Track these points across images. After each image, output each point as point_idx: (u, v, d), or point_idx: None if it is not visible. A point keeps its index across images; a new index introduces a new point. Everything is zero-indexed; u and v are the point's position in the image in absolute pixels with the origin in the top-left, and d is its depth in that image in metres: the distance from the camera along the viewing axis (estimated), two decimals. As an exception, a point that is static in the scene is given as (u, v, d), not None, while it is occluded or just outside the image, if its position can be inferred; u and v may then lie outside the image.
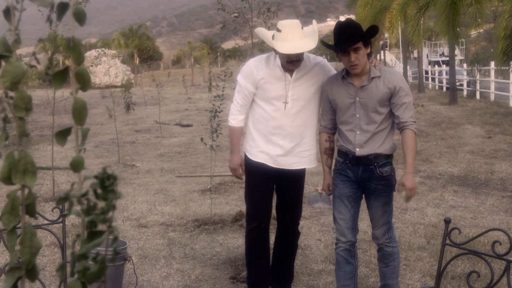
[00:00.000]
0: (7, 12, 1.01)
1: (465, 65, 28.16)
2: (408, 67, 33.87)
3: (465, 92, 24.18)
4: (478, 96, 22.39)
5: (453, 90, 21.11)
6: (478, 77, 23.01)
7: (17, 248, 1.04)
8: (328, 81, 3.74)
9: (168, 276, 4.75)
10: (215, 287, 4.51)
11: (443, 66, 31.09)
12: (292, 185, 4.03)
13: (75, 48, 1.03)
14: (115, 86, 29.16)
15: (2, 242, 2.96)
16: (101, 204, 0.99)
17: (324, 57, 4.13)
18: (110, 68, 36.36)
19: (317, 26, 3.80)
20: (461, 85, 24.68)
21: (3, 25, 1.06)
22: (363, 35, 3.41)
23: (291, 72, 3.77)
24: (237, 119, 3.96)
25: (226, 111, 4.70)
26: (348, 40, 3.37)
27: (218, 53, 75.38)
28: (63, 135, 1.04)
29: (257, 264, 4.10)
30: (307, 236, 5.64)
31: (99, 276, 0.89)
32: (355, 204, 3.70)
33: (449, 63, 22.88)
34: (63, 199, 0.94)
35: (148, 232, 6.01)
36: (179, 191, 8.11)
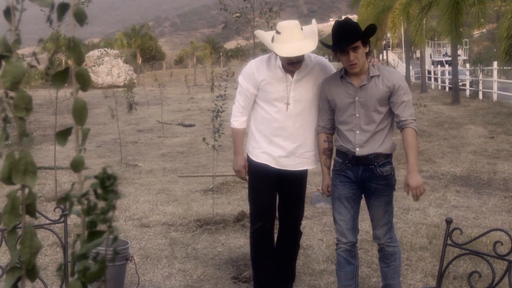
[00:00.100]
0: (8, 12, 1.01)
1: (467, 65, 28.08)
2: (411, 67, 33.83)
3: (467, 92, 24.13)
4: (480, 96, 22.35)
5: (455, 90, 21.07)
6: (481, 77, 22.96)
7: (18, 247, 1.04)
8: (326, 81, 3.72)
9: (170, 276, 4.76)
10: (217, 287, 4.51)
11: (446, 66, 31.04)
12: (294, 185, 4.02)
13: (75, 48, 1.03)
14: (117, 86, 29.18)
15: (4, 241, 2.97)
16: (101, 204, 0.99)
17: (326, 57, 4.12)
18: (113, 68, 36.39)
19: (317, 26, 3.78)
20: (464, 85, 24.64)
21: (5, 25, 1.06)
22: (362, 34, 3.41)
23: (292, 73, 3.75)
24: (239, 120, 3.95)
25: (228, 111, 4.71)
26: (346, 39, 3.35)
27: (221, 53, 75.39)
28: (63, 135, 1.05)
29: (263, 265, 4.09)
30: (309, 236, 5.64)
31: (99, 276, 0.89)
32: (355, 204, 3.69)
33: (450, 62, 22.85)
34: (63, 199, 0.94)
35: (150, 232, 6.02)
36: (181, 191, 8.12)
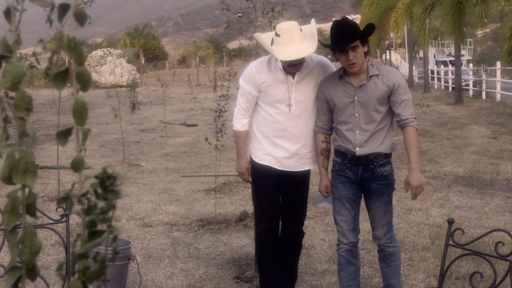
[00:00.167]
0: (8, 13, 1.02)
1: (471, 65, 28.02)
2: (414, 67, 33.78)
3: (471, 92, 24.07)
4: (484, 96, 22.29)
5: (458, 90, 21.02)
6: (484, 77, 22.91)
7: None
8: (324, 81, 3.70)
9: (172, 275, 4.76)
10: (219, 286, 4.51)
11: (450, 66, 30.97)
12: (297, 186, 4.01)
13: (75, 48, 1.03)
14: (120, 86, 29.20)
15: (6, 241, 2.97)
16: (102, 204, 0.99)
17: (329, 57, 4.10)
18: (116, 68, 36.41)
19: (316, 26, 3.73)
20: (467, 85, 24.58)
21: (6, 26, 1.06)
22: (361, 33, 3.40)
23: (293, 74, 3.72)
24: (241, 122, 3.94)
25: (231, 110, 4.70)
26: (345, 39, 3.34)
27: (224, 53, 75.39)
28: (63, 135, 1.05)
29: (269, 266, 4.08)
30: (311, 236, 5.64)
31: (99, 275, 0.90)
32: (355, 205, 3.68)
33: (454, 62, 22.80)
34: (63, 199, 0.94)
35: (152, 231, 6.02)
36: (183, 190, 8.12)
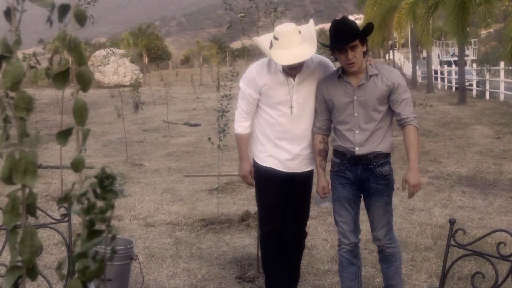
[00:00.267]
0: (8, 13, 1.02)
1: (474, 65, 27.94)
2: (417, 66, 33.72)
3: (474, 92, 24.02)
4: (487, 96, 22.24)
5: (462, 90, 20.97)
6: (487, 77, 22.85)
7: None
8: (323, 81, 3.69)
9: (174, 275, 4.77)
10: (221, 286, 4.52)
11: (453, 66, 30.91)
12: (300, 186, 3.99)
13: (76, 49, 1.04)
14: (124, 86, 29.24)
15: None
16: (101, 203, 1.00)
17: (331, 57, 4.06)
18: (119, 68, 36.47)
19: (314, 27, 3.69)
20: (471, 85, 24.52)
21: (6, 26, 1.07)
22: (360, 33, 3.39)
23: (293, 76, 3.70)
24: (243, 125, 3.93)
25: (234, 110, 4.70)
26: (344, 38, 3.33)
27: (227, 53, 75.41)
28: (64, 135, 1.05)
29: (274, 268, 4.07)
30: (314, 236, 5.64)
31: (98, 275, 0.90)
32: (355, 206, 3.67)
33: (457, 62, 22.75)
34: (63, 199, 0.95)
35: (155, 231, 6.03)
36: (186, 190, 8.13)
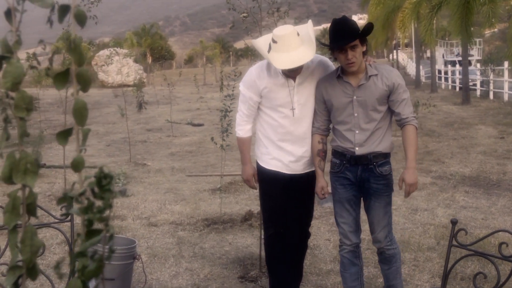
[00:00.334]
0: (8, 14, 1.02)
1: (478, 64, 27.86)
2: (421, 66, 33.66)
3: (478, 92, 23.96)
4: (491, 96, 22.18)
5: (466, 90, 20.92)
6: (491, 77, 22.79)
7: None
8: (322, 81, 3.66)
9: (177, 274, 4.77)
10: (223, 286, 4.52)
11: (457, 66, 30.83)
12: (304, 188, 3.95)
13: (76, 49, 1.04)
14: (127, 85, 29.26)
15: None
16: (100, 203, 1.00)
17: (331, 57, 4.01)
18: (123, 67, 36.49)
19: (312, 28, 3.64)
20: (475, 85, 24.46)
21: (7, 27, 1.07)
22: (361, 32, 3.38)
23: (294, 77, 3.67)
24: (244, 129, 3.90)
25: (237, 110, 4.69)
26: (344, 38, 3.31)
27: (230, 53, 75.38)
28: (64, 135, 1.05)
29: (279, 270, 4.05)
30: (316, 236, 5.63)
31: (97, 274, 0.90)
32: (356, 207, 3.66)
33: (462, 62, 22.69)
34: (62, 199, 0.95)
35: (158, 231, 6.04)
36: (189, 190, 8.14)
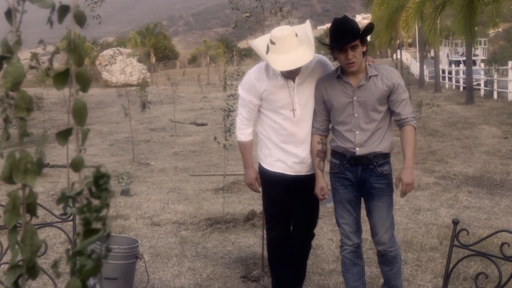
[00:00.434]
0: (9, 14, 1.03)
1: (482, 64, 27.78)
2: (425, 66, 33.60)
3: (482, 92, 23.91)
4: (495, 96, 22.13)
5: (469, 89, 20.88)
6: (495, 76, 22.72)
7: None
8: (321, 81, 3.63)
9: (179, 274, 4.78)
10: (226, 285, 4.52)
11: (461, 66, 30.78)
12: (309, 188, 3.88)
13: (75, 50, 1.04)
14: (131, 85, 29.30)
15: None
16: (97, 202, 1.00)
17: (330, 57, 3.98)
18: (126, 67, 36.58)
19: (311, 28, 3.60)
20: (478, 84, 24.40)
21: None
22: (362, 32, 3.36)
23: (293, 78, 3.64)
24: (245, 133, 3.87)
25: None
26: (345, 37, 3.30)
27: (234, 52, 75.40)
28: (63, 135, 1.06)
29: (281, 271, 4.04)
30: (319, 236, 5.63)
31: (95, 273, 0.91)
32: (357, 207, 3.64)
33: (466, 62, 22.64)
34: (61, 199, 0.95)
35: (160, 230, 6.05)
36: (192, 189, 8.15)
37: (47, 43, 1.11)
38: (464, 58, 31.28)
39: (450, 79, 31.85)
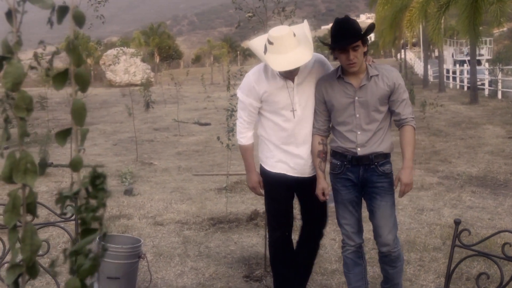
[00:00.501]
0: (9, 15, 1.03)
1: (487, 64, 27.71)
2: (429, 66, 33.53)
3: (486, 92, 23.84)
4: (500, 95, 22.08)
5: (474, 89, 20.83)
6: (500, 76, 22.66)
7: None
8: (322, 81, 3.60)
9: (182, 274, 4.79)
10: (228, 285, 4.53)
11: (467, 66, 30.70)
12: (312, 189, 3.82)
13: (74, 50, 1.05)
14: (135, 85, 29.29)
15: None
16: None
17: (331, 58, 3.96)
18: (130, 67, 36.61)
19: (308, 28, 3.55)
20: (483, 84, 24.34)
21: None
22: (363, 33, 3.35)
23: (292, 78, 3.61)
24: (246, 136, 3.84)
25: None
26: (347, 38, 3.28)
27: (238, 52, 75.38)
28: (63, 135, 1.07)
29: (284, 272, 4.02)
30: (322, 236, 5.63)
31: (92, 272, 0.91)
32: (358, 207, 3.63)
33: (470, 62, 22.59)
34: (60, 199, 0.96)
35: (163, 230, 6.06)
36: (195, 189, 8.16)
37: (47, 43, 1.12)
38: (469, 58, 31.21)
39: (454, 79, 31.78)
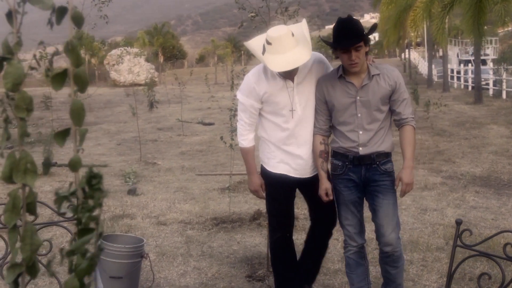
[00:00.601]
0: (10, 16, 1.04)
1: (491, 64, 27.63)
2: (433, 65, 33.44)
3: (491, 92, 23.77)
4: (504, 95, 22.01)
5: (478, 89, 20.78)
6: (504, 76, 22.59)
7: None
8: (322, 80, 3.59)
9: (185, 273, 4.79)
10: (231, 285, 4.53)
11: (470, 65, 30.62)
12: (315, 189, 3.78)
13: (73, 51, 1.05)
14: (139, 84, 29.36)
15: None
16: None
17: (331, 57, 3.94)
18: (134, 67, 36.70)
19: (307, 27, 3.54)
20: (487, 84, 24.27)
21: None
22: (366, 33, 3.34)
23: (291, 78, 3.59)
24: (247, 139, 3.82)
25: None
26: (349, 38, 3.27)
27: (242, 52, 75.37)
28: (62, 135, 1.07)
29: (285, 273, 4.02)
30: (325, 236, 5.63)
31: (89, 272, 0.92)
32: (360, 208, 3.62)
33: (474, 61, 22.52)
34: (58, 199, 0.97)
35: (166, 229, 6.07)
36: (198, 189, 8.16)
37: (47, 44, 1.12)
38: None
39: (458, 78, 31.69)
